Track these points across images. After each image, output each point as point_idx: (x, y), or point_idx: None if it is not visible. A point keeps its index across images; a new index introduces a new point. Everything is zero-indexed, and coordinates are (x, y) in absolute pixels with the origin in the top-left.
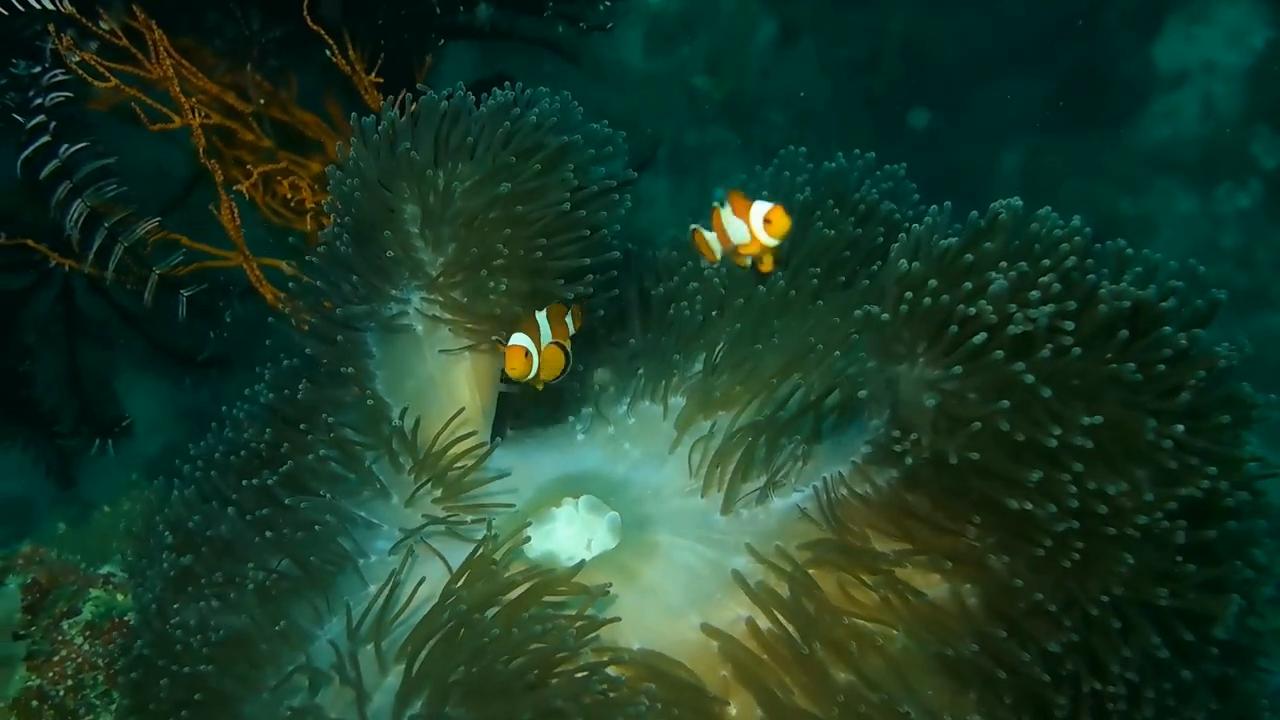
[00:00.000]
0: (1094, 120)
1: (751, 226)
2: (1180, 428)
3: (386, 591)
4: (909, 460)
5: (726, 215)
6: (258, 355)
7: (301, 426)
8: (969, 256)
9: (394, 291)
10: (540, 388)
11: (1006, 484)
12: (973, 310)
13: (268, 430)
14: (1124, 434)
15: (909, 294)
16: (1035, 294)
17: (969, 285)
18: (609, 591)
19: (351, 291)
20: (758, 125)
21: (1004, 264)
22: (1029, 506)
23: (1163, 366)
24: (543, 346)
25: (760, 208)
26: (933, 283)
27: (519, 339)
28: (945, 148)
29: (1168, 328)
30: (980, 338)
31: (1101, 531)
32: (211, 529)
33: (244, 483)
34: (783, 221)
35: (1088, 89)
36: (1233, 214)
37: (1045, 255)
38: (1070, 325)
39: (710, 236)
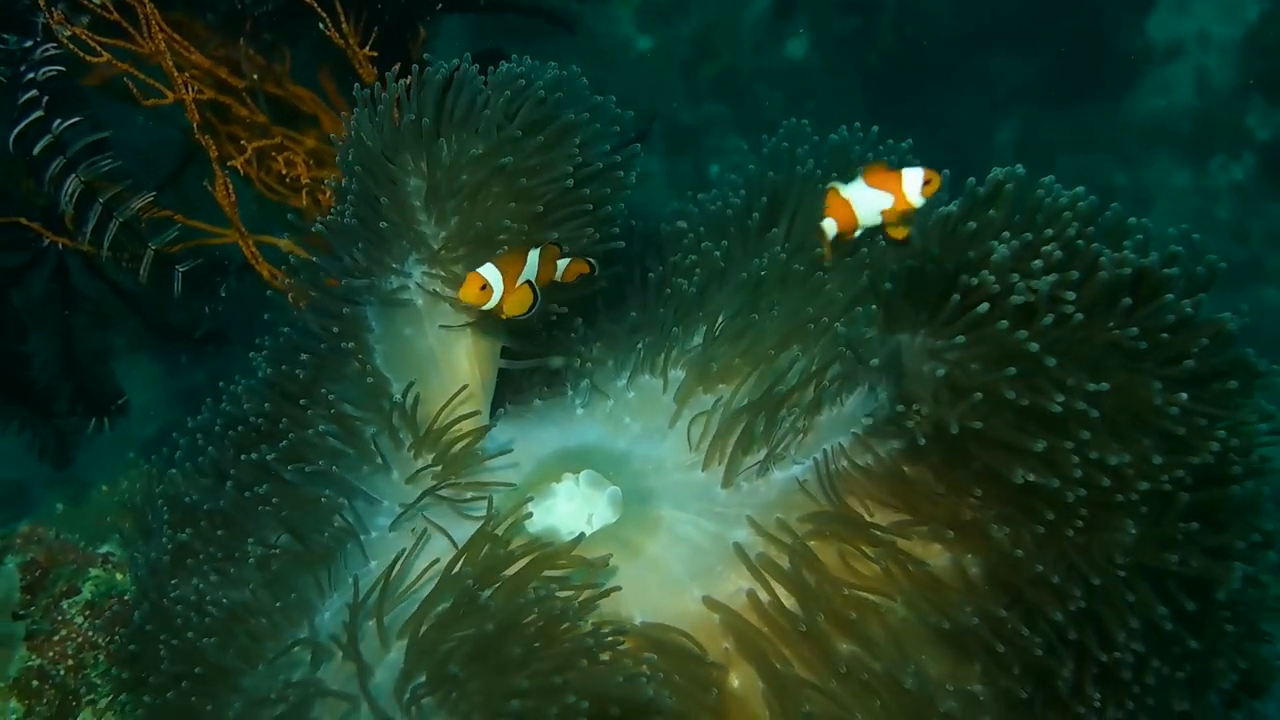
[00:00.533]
0: (1089, 93)
1: (906, 190)
2: (1185, 394)
3: (389, 567)
4: (911, 431)
5: (855, 189)
6: (255, 331)
7: (301, 401)
8: (971, 224)
9: (395, 265)
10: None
11: (1010, 454)
12: (975, 280)
13: (266, 404)
14: (1129, 401)
15: (910, 263)
16: (1038, 263)
17: (971, 254)
18: (610, 564)
19: (353, 265)
20: (752, 100)
21: (1006, 233)
22: (1032, 478)
23: (1166, 334)
24: (517, 283)
25: (914, 172)
26: (934, 251)
27: (485, 269)
28: (941, 121)
29: (1170, 294)
30: (983, 307)
31: (1106, 500)
32: (210, 503)
33: (242, 457)
34: (937, 181)
35: (1083, 62)
36: (1227, 186)
37: (1048, 224)
38: (1072, 295)
39: (828, 224)
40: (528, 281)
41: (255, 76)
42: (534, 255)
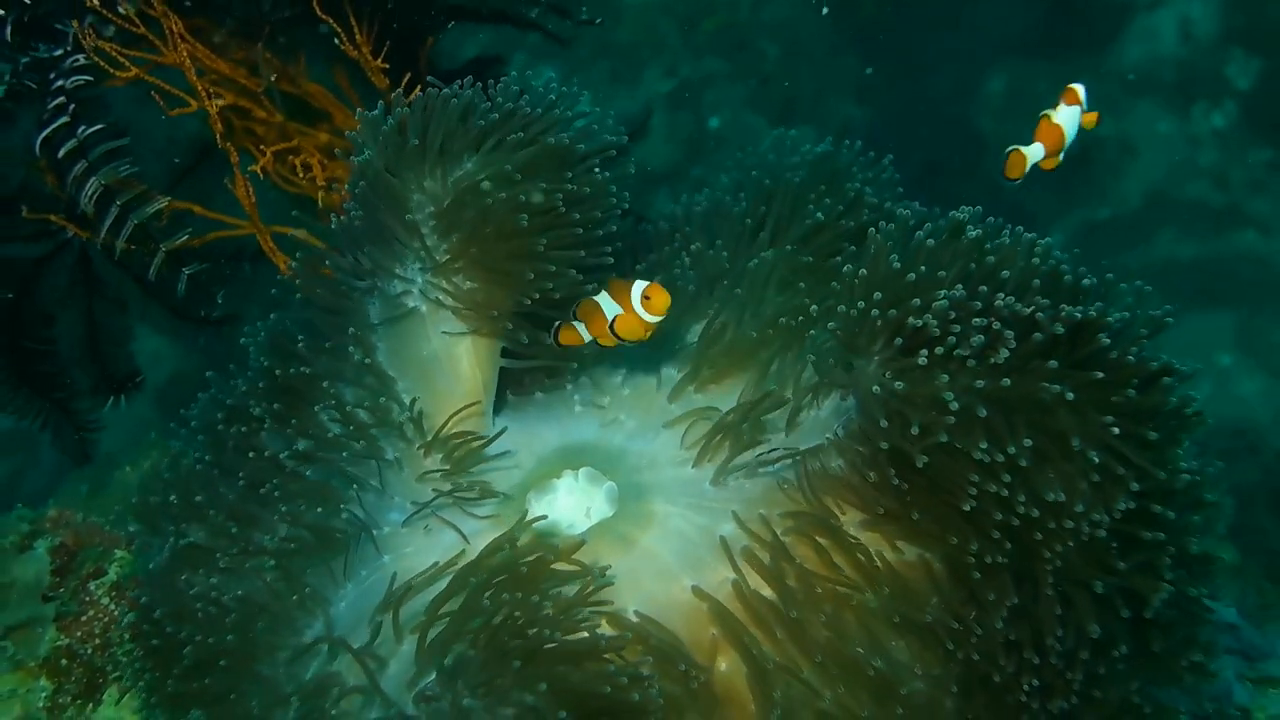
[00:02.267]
0: (1076, 43)
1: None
2: (1109, 444)
3: (402, 562)
4: (871, 445)
5: (1065, 113)
6: (270, 312)
7: (306, 395)
8: (911, 276)
9: (399, 271)
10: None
11: (951, 484)
12: (920, 323)
13: (270, 397)
14: (1058, 448)
15: (860, 303)
16: (978, 320)
17: (916, 301)
18: (606, 556)
19: (358, 266)
20: (750, 55)
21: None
22: (967, 508)
23: (1097, 380)
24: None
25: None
26: (879, 295)
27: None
28: (932, 71)
29: (1103, 338)
30: (922, 358)
31: (1039, 525)
32: (219, 497)
33: (251, 454)
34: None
35: (1069, 12)
36: (1209, 133)
37: (998, 270)
38: (1006, 351)
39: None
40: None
41: (273, 78)
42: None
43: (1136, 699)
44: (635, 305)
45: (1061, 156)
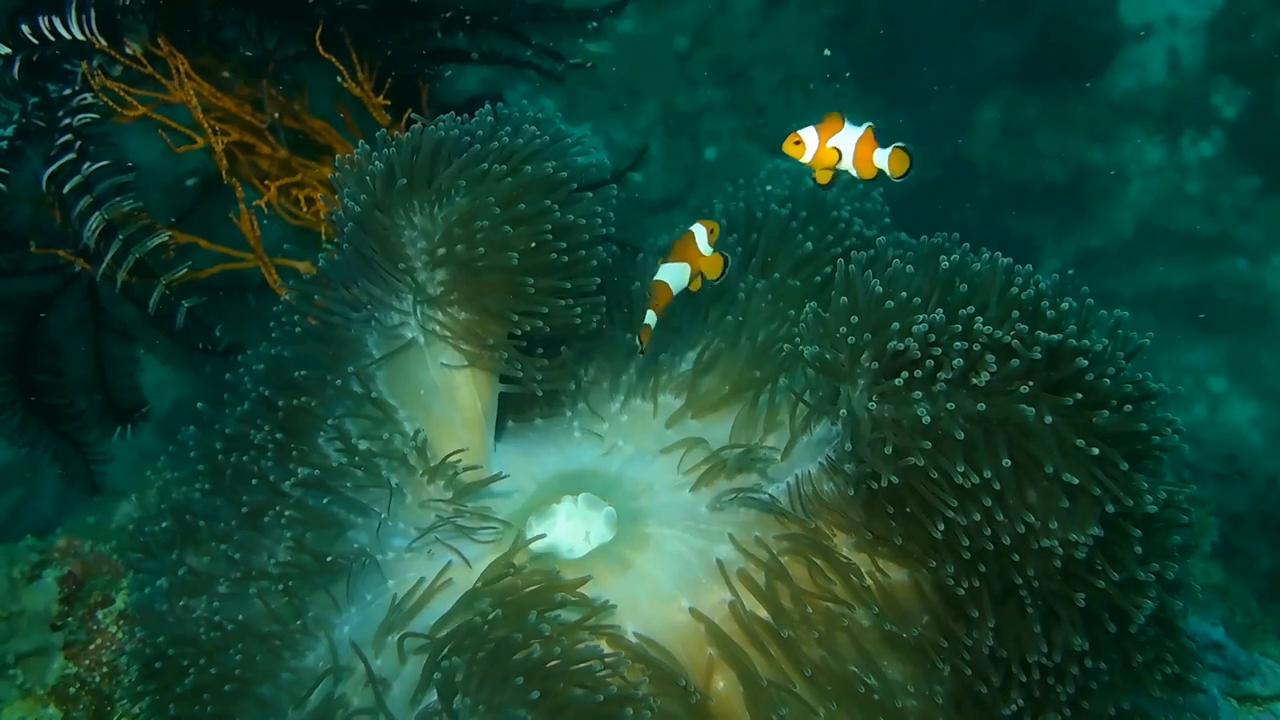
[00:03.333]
0: (1066, 73)
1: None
2: (1085, 466)
3: (405, 586)
4: (854, 469)
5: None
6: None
7: (307, 424)
8: (890, 303)
9: (397, 304)
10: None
11: (930, 505)
12: (901, 346)
13: (277, 431)
14: (1036, 470)
15: (842, 329)
16: (958, 343)
17: (896, 325)
18: (604, 579)
19: (353, 298)
20: (746, 85)
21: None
22: (940, 529)
23: (1071, 404)
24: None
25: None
26: (856, 320)
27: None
28: (926, 100)
29: (1082, 363)
30: (901, 380)
31: (1017, 547)
32: (220, 522)
33: (252, 480)
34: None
35: (1060, 43)
36: (1196, 162)
37: (974, 297)
38: (985, 375)
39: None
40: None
41: (277, 115)
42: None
43: (1128, 709)
44: (703, 246)
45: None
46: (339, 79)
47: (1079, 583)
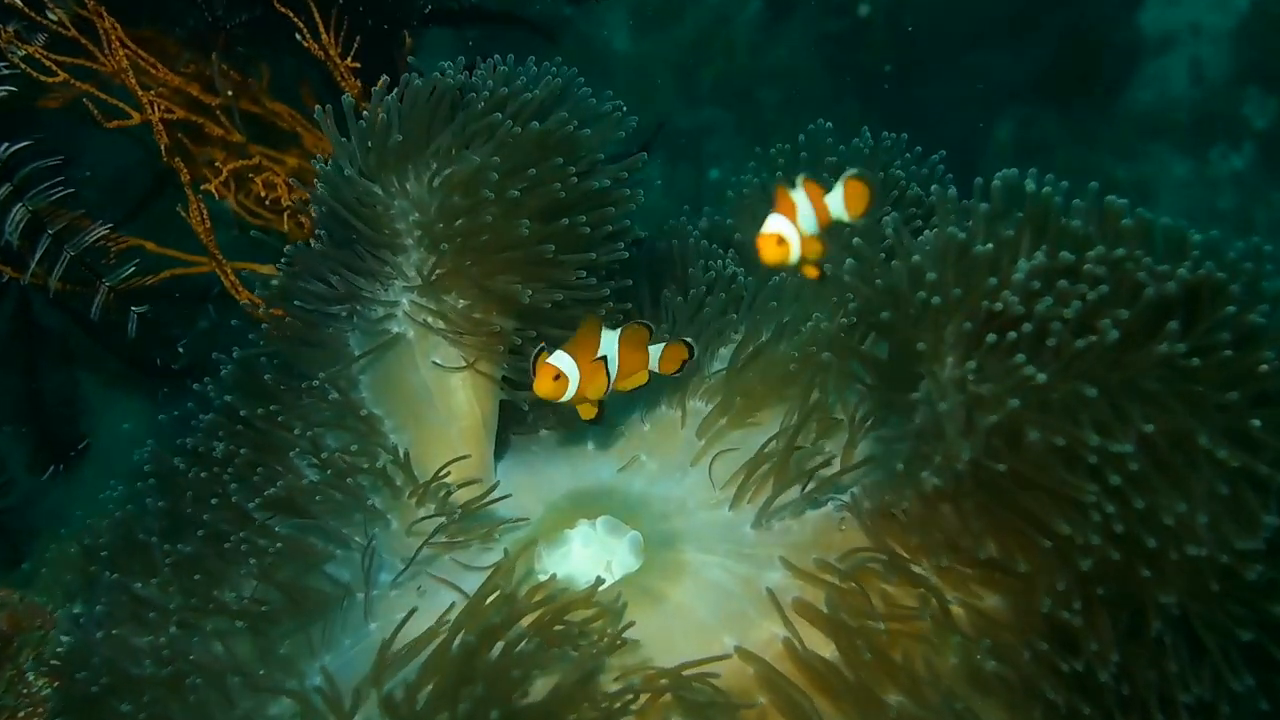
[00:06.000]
0: (1085, 88)
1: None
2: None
3: (391, 629)
4: (943, 468)
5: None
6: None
7: (278, 438)
8: (981, 248)
9: (382, 295)
10: (591, 414)
11: (1045, 498)
12: (999, 305)
13: (236, 442)
14: (1179, 441)
15: (921, 294)
16: (1062, 282)
17: (992, 280)
18: (633, 615)
19: (331, 292)
20: (750, 104)
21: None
22: (1066, 530)
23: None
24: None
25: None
26: (932, 275)
27: (557, 358)
28: (939, 119)
29: (1231, 305)
30: (993, 337)
31: (1153, 556)
32: (174, 551)
33: (213, 500)
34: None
35: (1077, 57)
36: (1228, 176)
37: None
38: (1107, 326)
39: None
40: (601, 359)
41: (230, 93)
42: (610, 336)
43: None
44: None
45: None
46: (298, 37)
47: (1242, 603)
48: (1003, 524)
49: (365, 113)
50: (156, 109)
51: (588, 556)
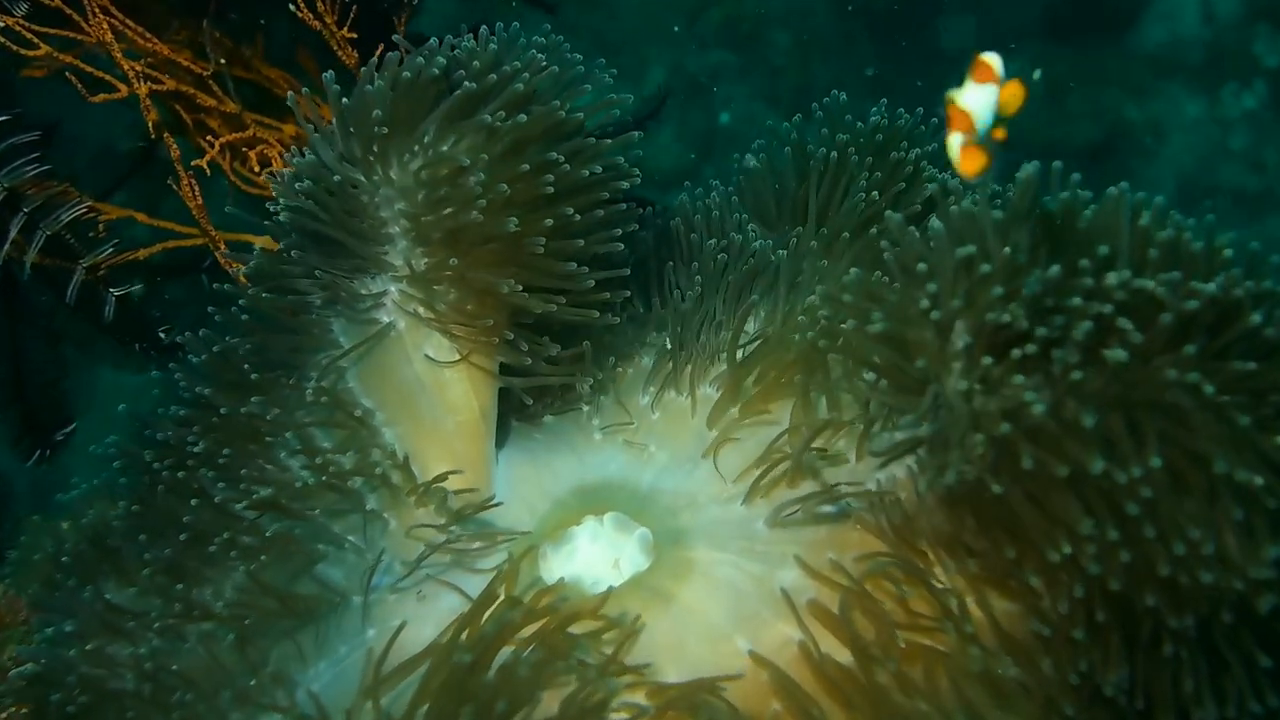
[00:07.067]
0: (1095, 27)
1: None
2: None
3: (389, 636)
4: (954, 474)
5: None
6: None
7: (262, 434)
8: (985, 267)
9: (369, 284)
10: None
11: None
12: (1006, 316)
13: (224, 445)
14: (1197, 472)
15: (924, 303)
16: (1082, 303)
17: (999, 290)
18: (641, 616)
19: (314, 279)
20: (760, 46)
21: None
22: (1063, 554)
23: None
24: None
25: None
26: (934, 286)
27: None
28: (950, 60)
29: (1256, 319)
30: (989, 360)
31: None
32: (152, 551)
33: (193, 500)
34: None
35: None
36: (1240, 116)
37: (1092, 247)
38: (1125, 343)
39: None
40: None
41: (222, 61)
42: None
43: None
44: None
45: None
46: (292, 7)
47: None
48: (1016, 533)
49: (346, 100)
50: (144, 81)
51: (595, 555)
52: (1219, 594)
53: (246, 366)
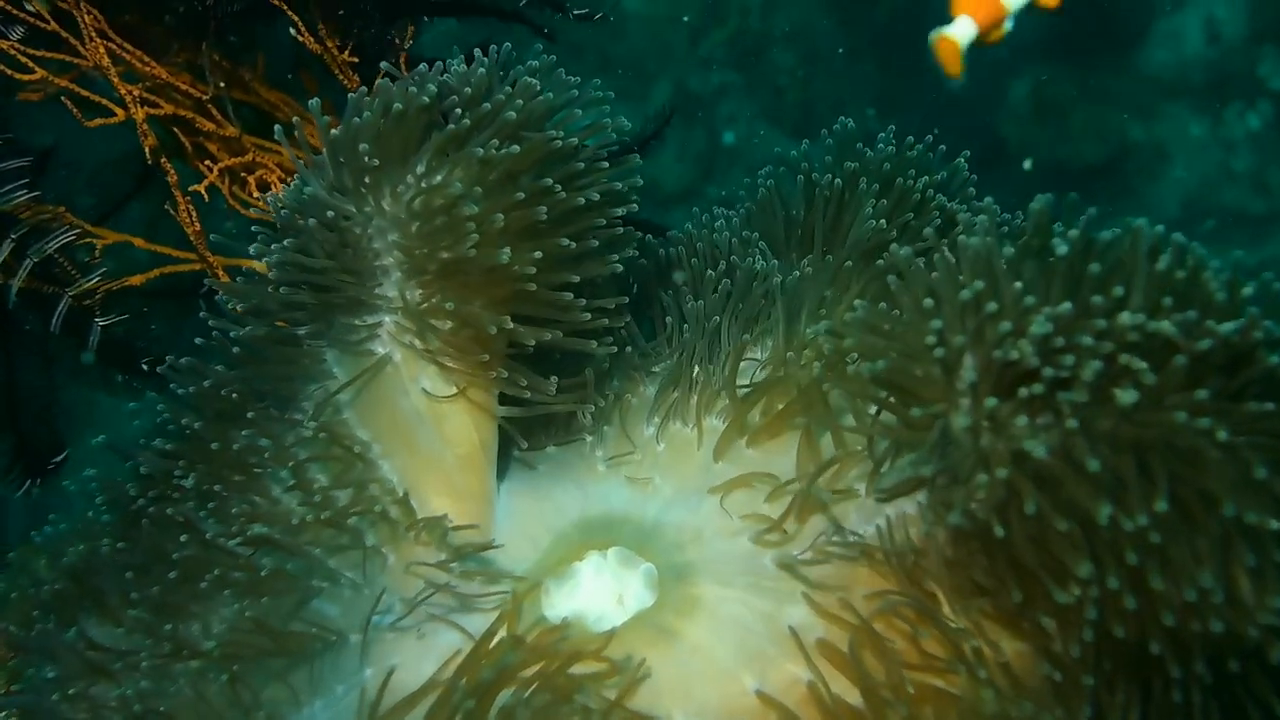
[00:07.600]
0: (1099, 47)
1: None
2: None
3: (386, 675)
4: (960, 514)
5: None
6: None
7: (254, 468)
8: (993, 305)
9: (363, 315)
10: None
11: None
12: (1014, 354)
13: (215, 480)
14: (1201, 515)
15: (930, 339)
16: (1093, 343)
17: (1007, 325)
18: (645, 654)
19: (306, 313)
20: (763, 65)
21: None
22: (1072, 597)
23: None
24: None
25: None
26: (939, 323)
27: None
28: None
29: (1273, 360)
30: (993, 401)
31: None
32: (138, 587)
33: (182, 536)
34: None
35: (1090, 16)
36: (1244, 137)
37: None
38: (1135, 385)
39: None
40: None
41: (222, 84)
42: None
43: None
44: None
45: (1009, 24)
46: (293, 31)
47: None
48: (1024, 575)
49: (334, 131)
50: (140, 105)
51: (598, 590)
52: (1231, 641)
53: (236, 397)
